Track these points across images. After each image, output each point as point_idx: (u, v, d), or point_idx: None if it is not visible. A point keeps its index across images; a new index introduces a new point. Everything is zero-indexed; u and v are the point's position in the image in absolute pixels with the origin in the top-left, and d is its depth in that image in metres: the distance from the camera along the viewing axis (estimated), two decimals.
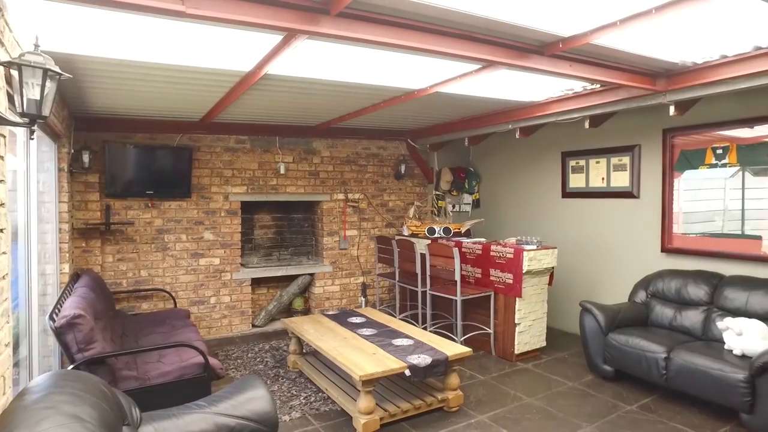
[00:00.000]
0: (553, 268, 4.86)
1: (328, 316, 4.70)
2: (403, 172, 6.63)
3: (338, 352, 3.60)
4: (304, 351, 4.62)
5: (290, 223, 6.60)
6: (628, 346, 3.98)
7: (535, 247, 4.69)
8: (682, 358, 3.62)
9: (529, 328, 4.77)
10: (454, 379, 3.66)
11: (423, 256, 5.29)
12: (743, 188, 4.22)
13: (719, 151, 4.36)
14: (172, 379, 3.23)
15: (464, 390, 3.95)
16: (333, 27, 2.41)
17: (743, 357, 3.47)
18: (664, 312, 4.33)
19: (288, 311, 6.30)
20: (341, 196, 6.39)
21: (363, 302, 6.48)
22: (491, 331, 4.92)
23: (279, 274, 6.04)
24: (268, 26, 2.33)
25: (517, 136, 5.42)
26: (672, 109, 4.07)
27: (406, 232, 6.25)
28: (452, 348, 3.65)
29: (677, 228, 4.68)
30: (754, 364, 3.24)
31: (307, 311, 6.34)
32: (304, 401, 3.86)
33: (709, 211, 4.49)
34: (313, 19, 2.37)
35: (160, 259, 5.36)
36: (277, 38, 2.72)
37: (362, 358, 3.46)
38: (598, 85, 4.04)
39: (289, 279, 6.26)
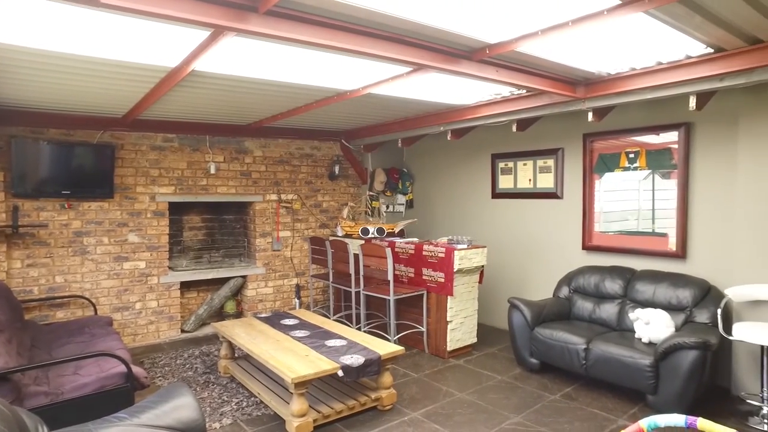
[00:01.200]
0: (483, 266, 5.03)
1: (260, 318, 4.60)
2: (337, 172, 6.62)
3: (270, 355, 3.54)
4: (236, 355, 4.50)
5: (221, 224, 6.40)
6: (552, 339, 4.19)
7: (465, 246, 4.83)
8: (600, 348, 3.87)
9: (460, 326, 4.91)
10: (387, 378, 3.71)
11: (356, 256, 5.31)
12: (653, 190, 4.56)
13: (631, 156, 4.69)
14: (90, 392, 3.04)
15: (398, 388, 4.01)
16: (261, 25, 2.37)
17: (650, 344, 3.77)
18: (584, 306, 4.60)
19: (219, 315, 6.11)
20: (274, 197, 6.29)
21: (297, 304, 6.41)
22: (424, 329, 5.02)
23: (210, 276, 5.85)
24: (193, 21, 2.25)
25: (448, 138, 5.56)
26: (590, 115, 4.33)
27: (340, 233, 6.25)
28: (385, 347, 3.69)
29: (598, 227, 4.98)
30: (658, 349, 3.53)
31: (239, 314, 6.18)
32: (235, 407, 3.76)
33: (625, 210, 4.82)
34: (241, 16, 2.32)
35: (78, 264, 5.03)
36: (204, 34, 2.64)
37: (295, 360, 3.42)
38: (524, 91, 4.22)
39: (221, 282, 6.08)
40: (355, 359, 3.43)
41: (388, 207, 7.02)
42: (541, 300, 4.70)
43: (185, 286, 5.83)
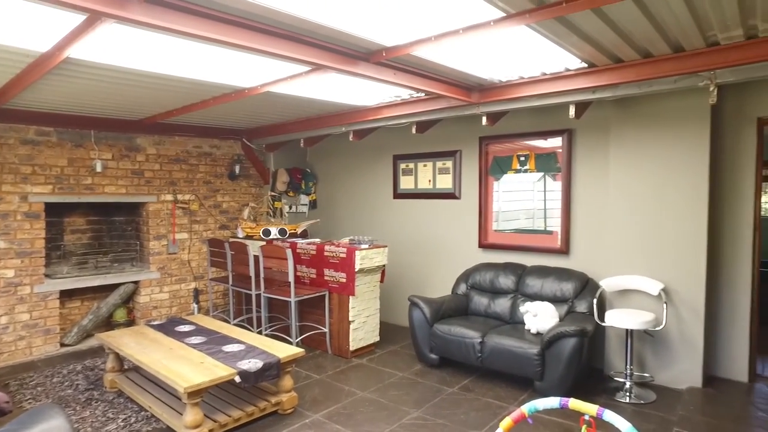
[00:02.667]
0: (384, 265, 5.11)
1: (153, 326, 4.32)
2: (237, 172, 6.40)
3: (162, 364, 3.32)
4: (124, 368, 4.18)
5: (110, 226, 5.91)
6: (450, 335, 4.36)
7: (367, 246, 4.88)
8: (494, 341, 4.09)
9: (363, 325, 4.96)
10: (287, 381, 3.64)
11: (257, 258, 5.16)
12: (545, 191, 4.91)
13: (522, 159, 5.02)
14: None
15: (300, 391, 3.95)
16: (143, 13, 2.22)
17: (538, 334, 4.06)
18: (480, 301, 4.84)
19: (108, 325, 5.64)
20: (170, 197, 5.93)
21: (195, 309, 6.10)
22: (327, 330, 5.00)
23: (96, 283, 5.38)
24: (65, 3, 2.05)
25: (350, 139, 5.59)
26: (484, 120, 4.57)
27: (240, 234, 6.04)
28: (285, 350, 3.62)
29: (496, 225, 5.25)
30: (544, 339, 3.82)
31: (131, 323, 5.75)
32: (123, 424, 3.49)
33: (520, 210, 5.13)
34: (120, 2, 2.16)
35: None
36: (79, 18, 2.42)
37: (189, 368, 3.25)
38: (423, 94, 4.36)
39: (110, 289, 5.61)
40: (254, 364, 3.33)
41: (290, 207, 6.91)
42: (440, 297, 4.87)
43: (66, 295, 5.32)
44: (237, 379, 3.20)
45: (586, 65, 3.54)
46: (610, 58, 3.39)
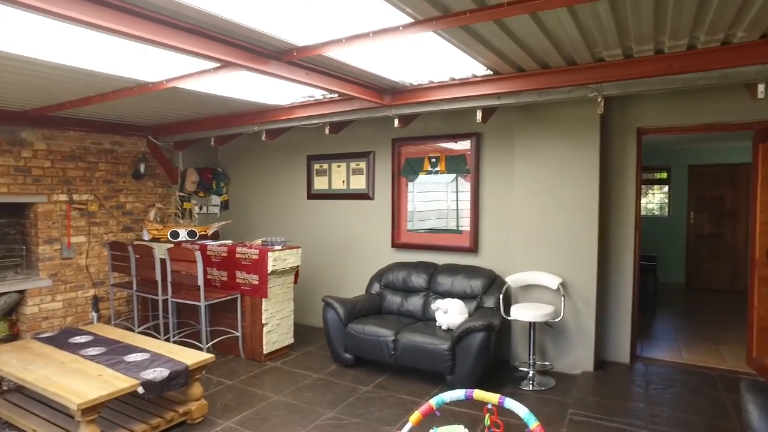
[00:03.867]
0: (298, 266, 5.06)
1: (42, 339, 3.96)
2: (142, 171, 6.02)
3: (50, 381, 3.05)
4: (3, 389, 3.78)
5: None
6: (364, 334, 4.41)
7: (280, 247, 4.81)
8: (406, 338, 4.20)
9: (277, 327, 4.87)
10: (196, 389, 3.49)
11: (164, 261, 4.90)
12: (457, 191, 5.10)
13: (433, 160, 5.19)
14: None
15: (210, 398, 3.81)
16: None
17: (448, 330, 4.22)
18: (394, 300, 4.94)
19: None
20: (63, 197, 5.46)
21: (95, 318, 5.66)
22: (239, 333, 4.86)
23: None
24: None
25: (263, 139, 5.48)
26: (396, 122, 4.67)
27: (146, 237, 5.70)
28: (194, 356, 3.48)
29: (411, 225, 5.37)
30: (454, 334, 3.99)
31: (14, 337, 5.20)
32: None
33: (433, 210, 5.28)
34: None
35: None
36: None
37: (83, 382, 3.01)
38: (336, 95, 4.37)
39: None
40: (159, 373, 3.16)
41: (201, 208, 6.63)
42: (355, 297, 4.91)
43: None
44: (140, 390, 3.02)
45: (491, 73, 3.73)
46: (513, 67, 3.61)
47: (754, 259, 4.32)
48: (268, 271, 4.64)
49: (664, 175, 8.96)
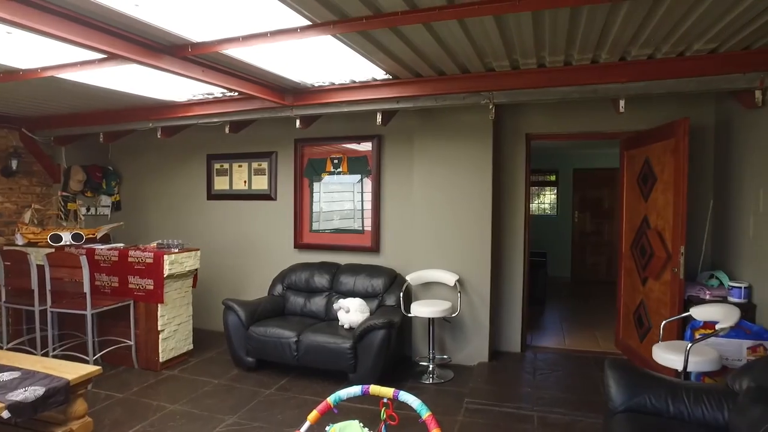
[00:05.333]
0: (197, 269, 4.87)
1: None
2: (15, 168, 5.43)
3: None
4: None
5: None
6: (266, 336, 4.34)
7: (177, 249, 4.60)
8: (309, 339, 4.20)
9: (174, 333, 4.65)
10: (80, 406, 3.23)
11: (41, 268, 4.47)
12: (362, 192, 5.17)
13: (336, 161, 5.23)
14: None
15: (97, 414, 3.55)
16: None
17: (350, 329, 4.29)
18: (297, 301, 4.92)
19: None
20: None
21: None
22: (133, 342, 4.57)
23: None
24: None
25: (158, 136, 5.20)
26: (298, 123, 4.66)
27: (20, 241, 5.15)
28: (76, 370, 3.21)
29: (317, 225, 5.35)
30: (355, 333, 4.06)
31: None
32: None
33: (336, 211, 5.31)
34: None
35: None
36: None
37: None
38: (236, 93, 4.26)
39: None
40: (32, 392, 2.88)
41: (88, 210, 6.12)
42: (257, 299, 4.82)
43: None
44: (4, 414, 2.69)
45: (390, 77, 3.85)
46: (411, 73, 3.75)
47: (621, 252, 4.85)
48: (165, 275, 4.41)
49: (554, 177, 9.73)
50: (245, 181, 5.64)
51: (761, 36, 2.96)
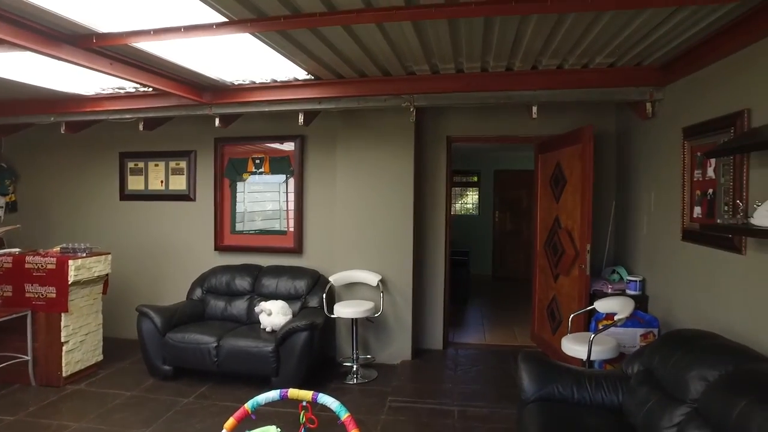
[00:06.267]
0: (107, 275, 4.57)
1: None
2: None
3: None
4: None
5: None
6: (184, 342, 4.16)
7: (84, 254, 4.29)
8: (229, 343, 4.07)
9: (80, 344, 4.33)
10: None
11: None
12: (287, 192, 5.07)
13: (257, 161, 5.11)
14: None
15: None
16: None
17: (273, 332, 4.21)
18: (217, 305, 4.76)
19: None
20: None
21: None
22: (30, 357, 4.19)
23: None
24: None
25: (62, 131, 4.83)
26: (217, 121, 4.51)
27: None
28: None
29: (241, 226, 5.19)
30: (277, 336, 4.00)
31: None
32: None
33: (259, 212, 5.18)
34: None
35: None
36: None
37: None
38: (150, 89, 4.05)
39: None
40: None
41: None
42: (174, 304, 4.61)
43: None
44: None
45: (312, 77, 3.83)
46: (332, 74, 3.75)
47: (536, 251, 5.13)
48: (70, 282, 4.09)
49: (476, 178, 10.09)
50: (162, 181, 5.37)
51: (651, 53, 3.26)
